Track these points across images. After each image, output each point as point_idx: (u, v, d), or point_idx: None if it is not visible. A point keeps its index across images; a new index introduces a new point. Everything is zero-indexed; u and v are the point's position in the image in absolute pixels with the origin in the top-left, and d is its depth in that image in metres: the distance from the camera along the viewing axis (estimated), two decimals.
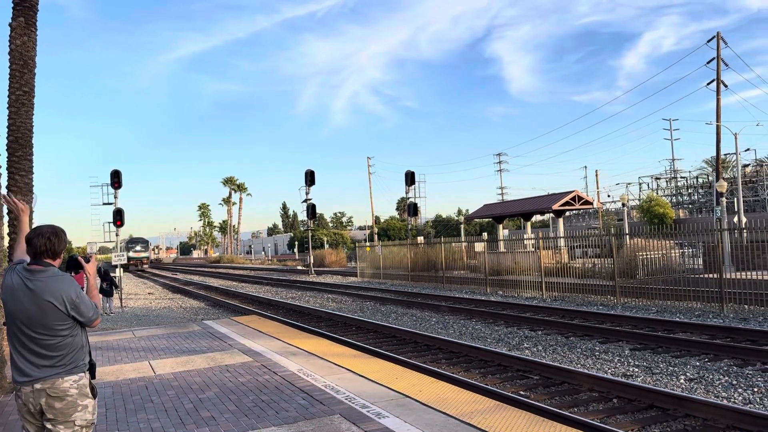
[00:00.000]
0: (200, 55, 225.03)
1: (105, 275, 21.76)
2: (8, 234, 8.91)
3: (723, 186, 25.53)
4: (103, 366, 9.12)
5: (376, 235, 67.55)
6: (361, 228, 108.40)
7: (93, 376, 3.61)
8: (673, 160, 66.11)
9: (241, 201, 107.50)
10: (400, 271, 32.88)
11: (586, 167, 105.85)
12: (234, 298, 27.69)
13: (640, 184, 64.85)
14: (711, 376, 9.10)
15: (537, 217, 55.74)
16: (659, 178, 64.05)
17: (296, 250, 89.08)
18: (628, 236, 21.17)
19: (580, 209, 39.23)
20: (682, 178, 62.78)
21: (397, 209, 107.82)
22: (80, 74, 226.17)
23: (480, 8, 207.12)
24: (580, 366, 10.16)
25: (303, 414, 5.99)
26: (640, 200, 57.73)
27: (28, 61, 10.83)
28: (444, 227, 78.74)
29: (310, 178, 44.47)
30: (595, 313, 15.52)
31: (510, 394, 8.10)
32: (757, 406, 7.53)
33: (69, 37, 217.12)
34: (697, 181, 59.35)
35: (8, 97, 10.89)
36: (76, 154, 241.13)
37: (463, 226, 46.09)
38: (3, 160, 10.45)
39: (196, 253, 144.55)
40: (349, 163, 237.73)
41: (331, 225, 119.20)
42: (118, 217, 26.34)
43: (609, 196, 68.21)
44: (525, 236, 28.20)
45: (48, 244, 3.48)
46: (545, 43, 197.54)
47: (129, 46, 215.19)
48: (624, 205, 36.96)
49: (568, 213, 47.27)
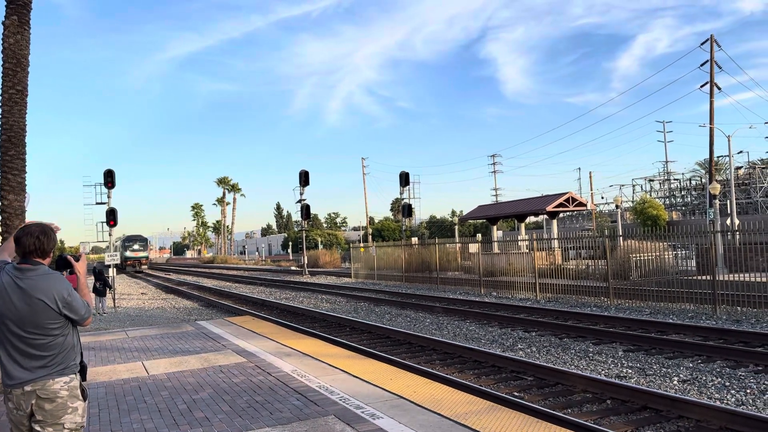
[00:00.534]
0: (195, 55, 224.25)
1: (99, 275, 21.64)
2: (0, 234, 8.86)
3: (716, 188, 25.66)
4: (96, 366, 9.08)
5: (371, 236, 67.52)
6: (356, 229, 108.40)
7: (84, 377, 3.58)
8: (667, 162, 66.49)
9: (234, 201, 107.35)
10: (395, 272, 32.88)
11: (579, 169, 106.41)
12: (227, 298, 27.61)
13: (634, 186, 65.20)
14: (704, 378, 9.13)
15: (531, 219, 55.87)
16: (653, 180, 64.37)
17: (290, 251, 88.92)
18: (621, 238, 21.24)
19: (574, 211, 39.34)
20: (675, 180, 63.12)
21: (392, 210, 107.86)
22: (74, 73, 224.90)
23: (475, 9, 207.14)
24: (573, 367, 10.18)
25: (297, 415, 5.98)
26: (633, 202, 58.00)
27: (21, 60, 10.77)
28: (438, 228, 78.81)
29: (304, 179, 44.44)
30: (588, 315, 15.57)
31: (504, 395, 8.11)
32: (749, 408, 7.57)
33: (62, 36, 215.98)
34: (691, 183, 59.64)
35: (1, 96, 10.81)
36: (69, 152, 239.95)
37: (457, 227, 46.11)
38: None
39: (189, 254, 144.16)
40: (344, 163, 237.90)
41: (325, 225, 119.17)
42: (111, 216, 26.24)
43: (603, 198, 68.41)
44: (519, 237, 28.25)
45: (37, 242, 3.46)
46: (540, 44, 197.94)
47: (123, 45, 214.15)
48: (617, 206, 37.06)
49: (561, 214, 47.44)
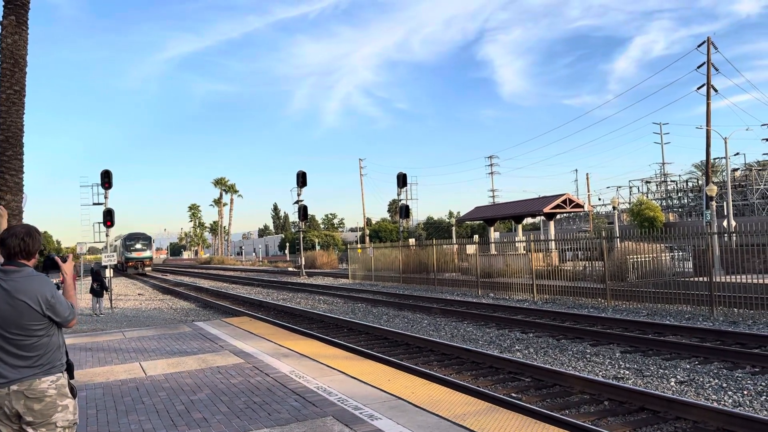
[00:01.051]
0: (192, 56, 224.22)
1: (96, 275, 21.60)
2: None
3: (713, 190, 25.71)
4: (94, 367, 9.06)
5: (368, 237, 67.53)
6: (353, 230, 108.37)
7: (71, 376, 3.59)
8: (663, 163, 66.56)
9: (232, 202, 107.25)
10: (392, 273, 32.88)
11: (577, 170, 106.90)
12: (225, 299, 27.59)
13: (631, 187, 65.33)
14: (701, 379, 9.15)
15: (528, 220, 55.94)
16: (649, 182, 64.51)
17: (287, 252, 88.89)
18: (618, 239, 21.28)
19: (571, 212, 39.39)
20: (672, 181, 63.26)
21: (389, 211, 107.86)
22: (71, 73, 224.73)
23: (472, 11, 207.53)
24: (571, 368, 10.19)
25: (295, 416, 5.98)
26: (630, 204, 58.11)
27: (19, 60, 10.76)
28: (435, 229, 78.81)
29: (301, 180, 44.46)
30: (585, 316, 15.59)
31: (502, 396, 8.12)
32: (747, 409, 7.59)
33: (59, 36, 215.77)
34: (687, 184, 59.81)
35: None
36: (66, 152, 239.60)
37: (454, 228, 46.08)
38: None
39: (186, 254, 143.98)
40: (341, 164, 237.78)
41: (322, 226, 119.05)
42: (108, 217, 26.23)
43: (600, 200, 68.61)
44: (516, 239, 28.28)
45: (22, 244, 3.46)
46: (537, 46, 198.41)
47: (121, 45, 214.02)
48: (614, 208, 37.10)
49: (558, 216, 47.50)
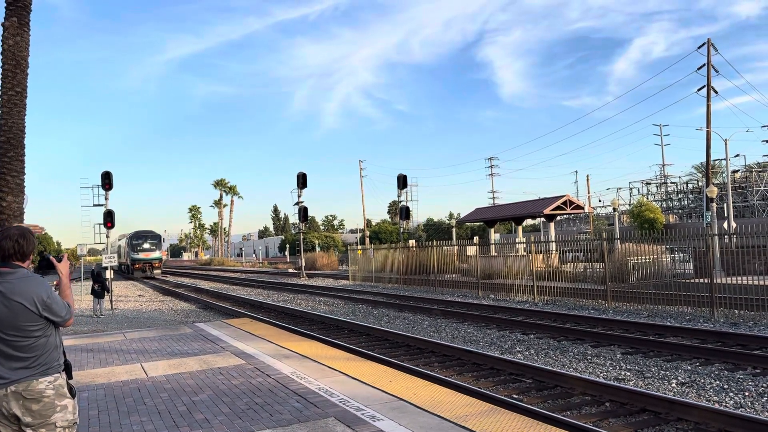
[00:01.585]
0: (191, 57, 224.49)
1: (97, 277, 21.67)
2: None
3: (713, 191, 25.71)
4: (95, 368, 9.06)
5: (368, 239, 67.55)
6: (353, 231, 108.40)
7: (69, 376, 3.59)
8: (664, 165, 66.63)
9: (232, 203, 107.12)
10: (392, 275, 32.87)
11: (577, 172, 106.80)
12: (225, 300, 27.58)
13: (631, 189, 65.40)
14: (702, 380, 9.16)
15: (528, 222, 55.94)
16: (649, 183, 64.57)
17: (287, 253, 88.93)
18: (618, 241, 21.29)
19: (571, 214, 39.39)
20: (672, 183, 63.31)
21: (389, 212, 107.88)
22: (70, 74, 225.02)
23: (472, 13, 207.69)
24: (572, 370, 10.20)
25: (297, 416, 5.98)
26: (630, 205, 58.18)
27: (20, 61, 10.78)
28: (435, 231, 78.84)
29: (302, 181, 44.45)
30: (586, 317, 15.59)
31: (503, 397, 8.12)
32: (748, 410, 7.59)
33: (59, 37, 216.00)
34: (687, 186, 59.84)
35: (0, 97, 10.82)
36: (65, 154, 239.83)
37: (454, 229, 46.14)
38: None
39: (186, 256, 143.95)
40: (341, 166, 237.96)
41: (322, 228, 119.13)
42: (109, 218, 26.22)
43: (600, 201, 68.53)
44: (516, 240, 28.29)
45: (16, 246, 3.47)
46: (536, 48, 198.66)
47: (120, 46, 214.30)
48: (615, 209, 37.15)
49: (559, 217, 47.50)
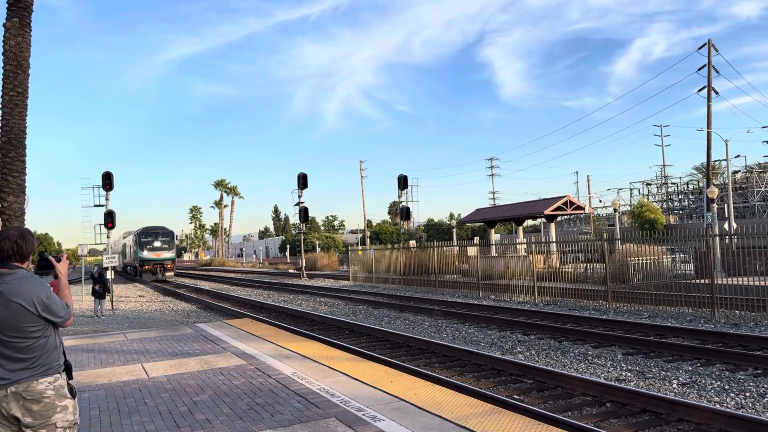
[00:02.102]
0: (192, 58, 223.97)
1: (99, 277, 21.71)
2: None
3: (714, 192, 25.70)
4: (96, 368, 9.07)
5: (368, 239, 67.54)
6: (353, 232, 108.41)
7: (70, 376, 3.60)
8: (664, 165, 66.60)
9: (232, 204, 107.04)
10: (393, 275, 32.87)
11: (577, 172, 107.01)
12: (226, 301, 27.59)
13: (631, 189, 65.30)
14: (703, 381, 9.16)
15: (529, 222, 55.91)
16: (650, 184, 64.51)
17: (288, 254, 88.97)
18: (619, 241, 21.28)
19: (572, 214, 39.39)
20: (672, 183, 63.24)
21: (389, 213, 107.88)
22: (71, 74, 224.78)
23: (472, 13, 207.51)
24: (573, 370, 10.19)
25: (298, 417, 5.98)
26: (631, 206, 58.11)
27: (22, 62, 10.80)
28: (436, 231, 78.84)
29: (302, 181, 44.42)
30: (587, 318, 15.58)
31: (504, 397, 8.12)
32: (749, 411, 7.59)
33: (60, 38, 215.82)
34: (688, 187, 59.78)
35: (1, 97, 10.82)
36: (66, 154, 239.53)
37: (455, 230, 46.10)
38: None
39: (186, 256, 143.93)
40: (342, 166, 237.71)
41: (323, 228, 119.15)
42: (110, 219, 26.25)
43: (600, 202, 68.46)
44: (517, 241, 28.29)
45: (15, 247, 3.47)
46: (537, 48, 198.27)
47: (121, 47, 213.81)
48: (615, 210, 37.15)
49: (559, 218, 47.49)
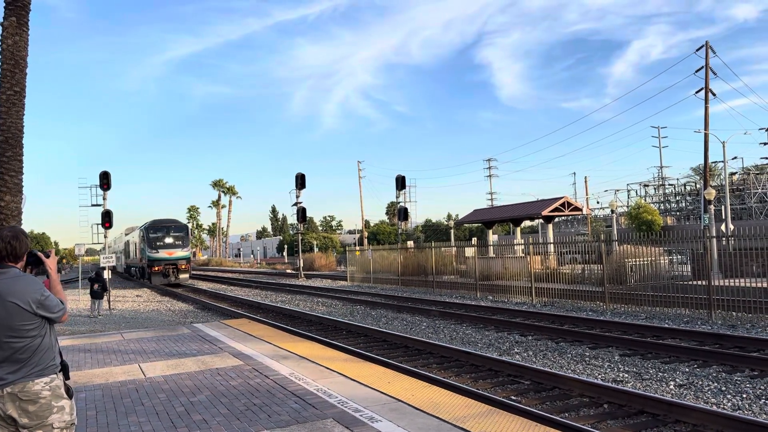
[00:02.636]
0: (191, 57, 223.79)
1: (97, 278, 21.78)
2: None
3: (711, 193, 25.76)
4: (93, 368, 9.05)
5: (366, 239, 67.53)
6: (351, 232, 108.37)
7: (66, 376, 3.59)
8: (661, 167, 66.71)
9: (230, 204, 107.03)
10: (390, 276, 32.87)
11: (575, 174, 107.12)
12: (223, 301, 27.56)
13: (629, 191, 65.37)
14: (700, 382, 9.17)
15: (526, 223, 55.95)
16: (647, 186, 64.60)
17: (285, 254, 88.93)
18: (616, 242, 21.31)
19: (569, 215, 39.47)
20: (670, 185, 63.36)
21: (387, 213, 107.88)
22: (69, 74, 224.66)
23: (471, 14, 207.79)
24: (570, 371, 10.20)
25: (295, 417, 5.98)
26: (628, 207, 58.15)
27: (19, 61, 10.77)
28: (434, 232, 78.85)
29: (300, 182, 44.40)
30: (584, 319, 15.59)
31: (502, 398, 8.12)
32: (746, 412, 7.59)
33: (58, 38, 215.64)
34: (685, 188, 59.87)
35: None
36: (64, 154, 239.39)
37: (453, 230, 46.19)
38: None
39: None
40: (340, 166, 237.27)
41: (320, 229, 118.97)
42: (107, 219, 26.22)
43: (598, 203, 68.80)
44: (515, 241, 28.30)
45: (9, 247, 3.47)
46: (535, 50, 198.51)
47: (119, 47, 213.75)
48: (613, 211, 37.25)
49: (557, 219, 47.54)
